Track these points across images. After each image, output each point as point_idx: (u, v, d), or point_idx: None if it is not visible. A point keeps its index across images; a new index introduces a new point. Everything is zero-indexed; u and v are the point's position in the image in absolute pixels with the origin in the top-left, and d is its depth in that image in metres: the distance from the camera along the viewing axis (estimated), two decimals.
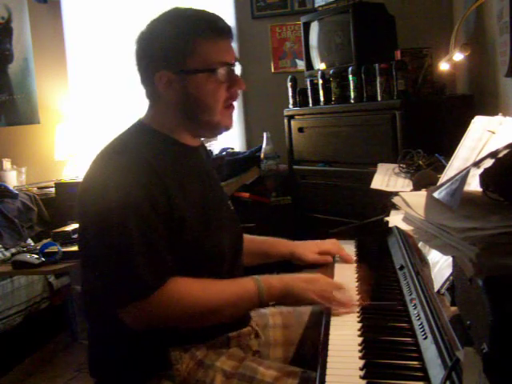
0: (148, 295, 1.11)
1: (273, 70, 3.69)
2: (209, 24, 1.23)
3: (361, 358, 0.98)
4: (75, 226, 2.49)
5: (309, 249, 1.54)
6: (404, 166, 1.83)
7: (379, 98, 2.57)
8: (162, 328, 1.18)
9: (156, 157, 1.18)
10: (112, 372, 1.24)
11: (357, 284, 1.37)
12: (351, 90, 2.69)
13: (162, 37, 1.22)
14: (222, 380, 1.17)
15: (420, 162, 1.77)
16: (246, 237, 1.54)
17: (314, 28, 3.05)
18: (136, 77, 1.30)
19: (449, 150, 1.49)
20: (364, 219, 1.90)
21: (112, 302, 1.14)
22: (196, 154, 1.33)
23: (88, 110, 3.89)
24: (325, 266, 1.53)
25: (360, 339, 1.05)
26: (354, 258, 1.57)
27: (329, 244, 1.58)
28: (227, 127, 1.30)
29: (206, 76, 1.22)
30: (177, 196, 1.17)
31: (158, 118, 1.28)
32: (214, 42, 1.23)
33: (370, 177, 1.88)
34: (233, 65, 1.27)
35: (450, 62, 2.15)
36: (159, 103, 1.27)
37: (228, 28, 1.26)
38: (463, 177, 0.75)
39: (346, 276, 1.43)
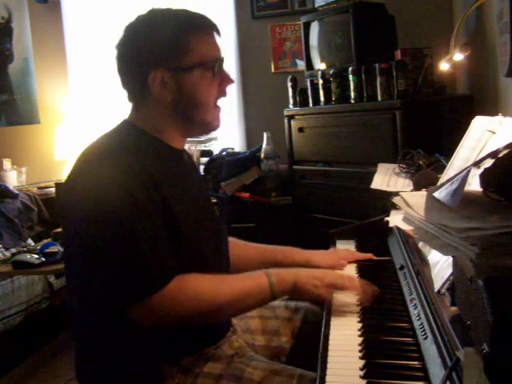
0: (158, 290, 1.10)
1: (273, 70, 3.69)
2: (198, 21, 1.25)
3: (361, 358, 0.98)
4: None
5: (324, 257, 1.53)
6: (404, 165, 1.83)
7: (379, 98, 2.57)
8: (173, 324, 1.16)
9: (145, 156, 1.18)
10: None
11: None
12: (351, 90, 2.69)
13: (156, 36, 1.21)
14: None
15: (420, 162, 1.77)
16: (257, 246, 1.56)
17: (314, 28, 3.05)
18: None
19: (449, 150, 1.49)
20: (364, 219, 1.90)
21: (122, 301, 1.12)
22: (180, 156, 1.32)
23: (88, 110, 3.89)
24: None
25: (360, 339, 1.05)
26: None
27: (344, 252, 1.59)
28: (217, 126, 1.31)
29: (200, 72, 1.22)
30: (167, 194, 1.16)
31: (146, 119, 1.26)
32: (206, 38, 1.24)
33: (370, 177, 1.88)
34: (223, 60, 1.28)
35: (450, 61, 2.15)
36: (149, 104, 1.25)
37: (214, 23, 1.28)
38: (463, 177, 0.75)
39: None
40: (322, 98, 2.91)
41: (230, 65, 3.61)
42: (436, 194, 0.81)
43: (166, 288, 1.11)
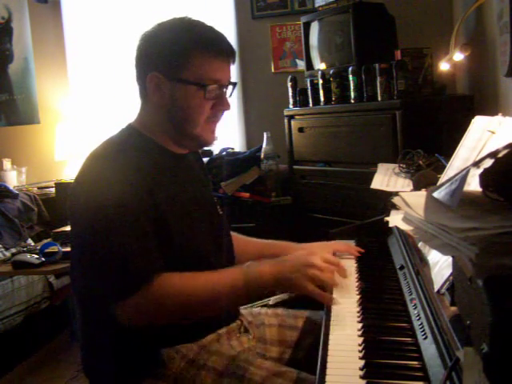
0: (140, 288, 1.13)
1: (273, 70, 3.69)
2: (210, 41, 1.26)
3: (361, 358, 0.98)
4: None
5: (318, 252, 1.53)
6: (404, 166, 1.83)
7: (379, 98, 2.57)
8: (158, 324, 1.19)
9: (142, 159, 1.23)
10: (105, 372, 1.26)
11: (357, 284, 1.37)
12: (351, 90, 2.69)
13: (163, 40, 1.25)
14: (213, 379, 1.19)
15: (420, 162, 1.77)
16: (257, 241, 1.59)
17: (314, 28, 3.05)
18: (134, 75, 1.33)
19: (449, 150, 1.49)
20: (364, 219, 1.90)
21: (109, 298, 1.15)
22: (181, 161, 1.35)
23: (88, 110, 3.89)
24: None
25: (360, 339, 1.05)
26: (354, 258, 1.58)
27: (337, 244, 1.61)
28: (208, 142, 1.32)
29: (194, 89, 1.25)
30: (160, 197, 1.21)
31: (145, 120, 1.32)
32: (210, 60, 1.25)
33: (370, 177, 1.88)
34: (224, 86, 1.29)
35: (450, 61, 2.15)
36: (147, 105, 1.31)
37: (229, 50, 1.28)
38: (463, 177, 0.75)
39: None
40: (321, 98, 2.91)
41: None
42: (435, 194, 0.81)
43: (146, 288, 1.13)
